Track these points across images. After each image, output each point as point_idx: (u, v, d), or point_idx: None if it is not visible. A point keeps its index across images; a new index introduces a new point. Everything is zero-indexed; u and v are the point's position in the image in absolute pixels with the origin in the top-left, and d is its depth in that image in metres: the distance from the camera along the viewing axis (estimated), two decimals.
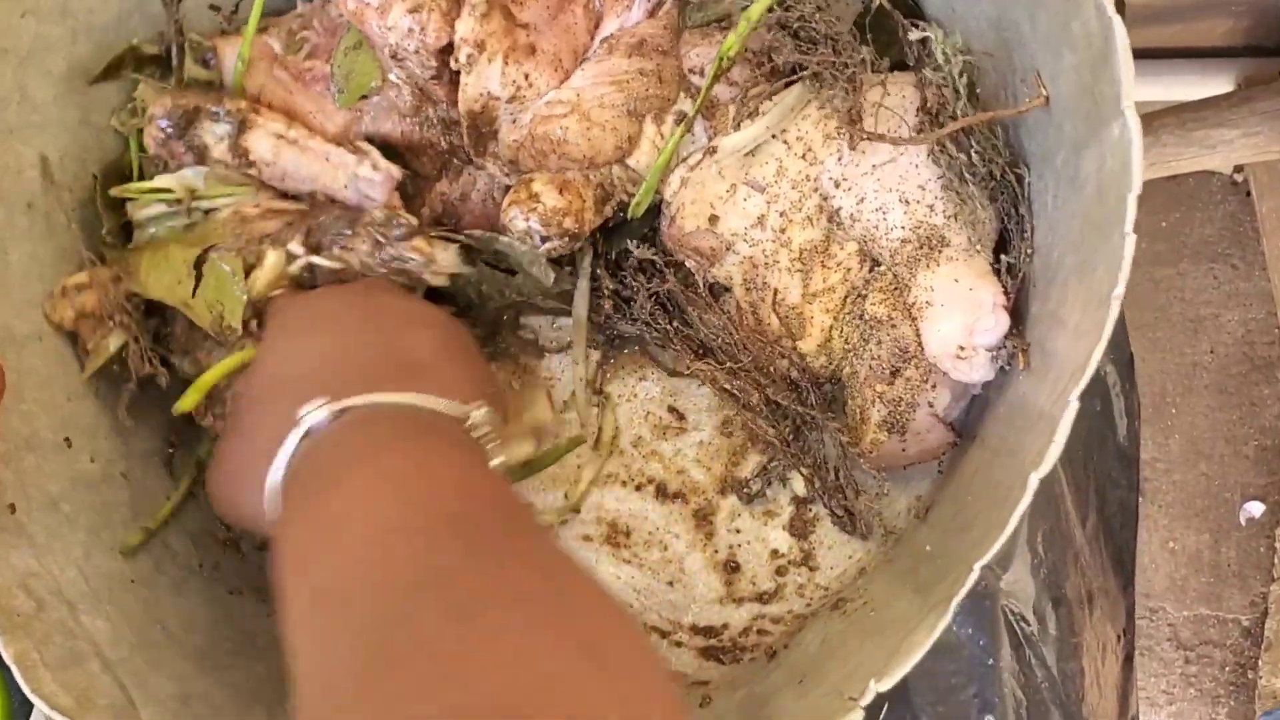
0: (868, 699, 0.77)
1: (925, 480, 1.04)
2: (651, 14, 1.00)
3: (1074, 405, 0.74)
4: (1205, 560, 2.08)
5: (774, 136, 0.99)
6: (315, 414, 0.77)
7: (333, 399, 0.77)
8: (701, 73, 1.02)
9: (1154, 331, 0.79)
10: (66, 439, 0.96)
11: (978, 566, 0.76)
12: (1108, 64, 0.75)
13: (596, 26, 1.02)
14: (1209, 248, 2.12)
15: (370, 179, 1.01)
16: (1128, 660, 1.27)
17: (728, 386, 1.03)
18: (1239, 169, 2.13)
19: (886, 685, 0.77)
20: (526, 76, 0.98)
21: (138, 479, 1.02)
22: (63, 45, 1.00)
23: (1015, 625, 1.12)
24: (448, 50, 0.98)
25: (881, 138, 0.93)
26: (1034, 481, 0.74)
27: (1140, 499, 1.53)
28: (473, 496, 0.70)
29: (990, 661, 1.08)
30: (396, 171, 1.02)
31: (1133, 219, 0.73)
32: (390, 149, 1.07)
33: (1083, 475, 1.17)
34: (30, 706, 1.06)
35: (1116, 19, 0.74)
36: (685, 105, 1.02)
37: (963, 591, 0.76)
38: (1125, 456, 1.26)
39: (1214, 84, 1.83)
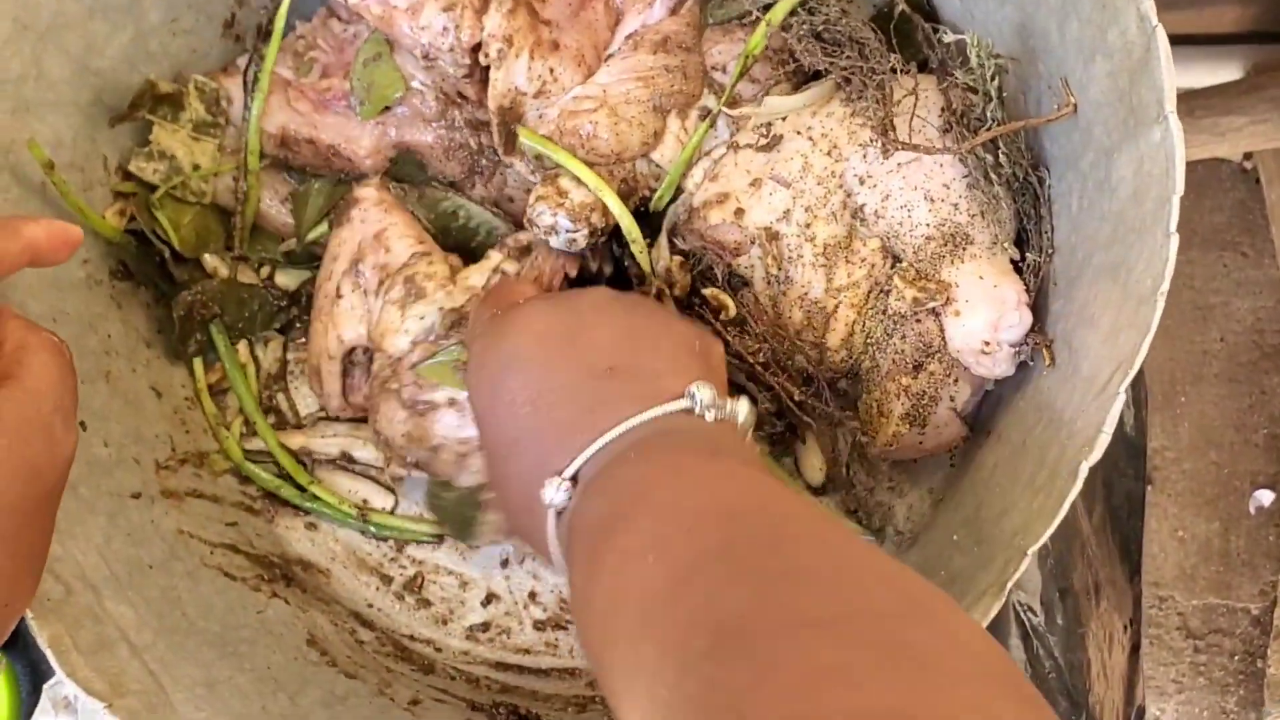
0: None
1: (938, 474, 1.04)
2: (673, 11, 1.01)
3: (1122, 397, 0.75)
4: (1215, 549, 2.09)
5: (799, 133, 0.99)
6: (556, 496, 0.76)
7: (558, 472, 0.77)
8: (724, 69, 1.03)
9: (1163, 320, 0.79)
10: (81, 422, 0.96)
11: (1031, 552, 0.77)
12: (1148, 71, 0.76)
13: (618, 23, 1.02)
14: (1218, 235, 2.12)
15: None
16: (1134, 650, 1.27)
17: (739, 379, 1.03)
18: (1248, 156, 2.13)
19: None
20: (551, 71, 0.99)
21: (148, 464, 1.02)
22: (80, 22, 0.99)
23: (1023, 616, 1.12)
24: (477, 49, 0.99)
25: (916, 147, 0.93)
26: (1084, 471, 0.76)
27: (1149, 488, 1.53)
28: (728, 513, 0.66)
29: None
30: None
31: (1176, 220, 0.75)
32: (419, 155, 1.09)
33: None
34: (36, 700, 1.07)
35: (1160, 27, 0.75)
36: (709, 101, 1.02)
37: (1016, 576, 0.77)
38: (1132, 446, 1.27)
39: (1223, 71, 1.83)
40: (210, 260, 1.10)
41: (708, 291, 1.02)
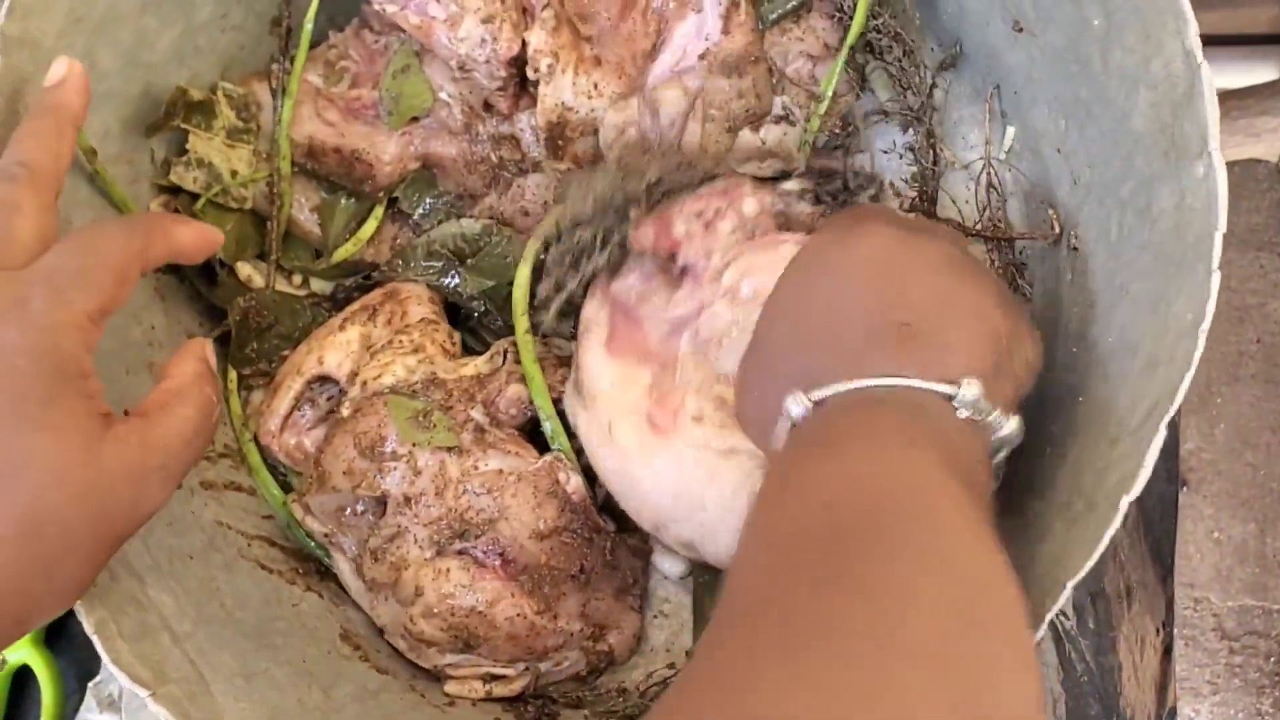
0: None
1: None
2: (725, 17, 1.01)
3: (1163, 432, 0.75)
4: (1251, 550, 2.06)
5: None
6: (795, 409, 0.75)
7: (808, 388, 0.75)
8: (784, 71, 1.04)
9: None
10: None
11: (1070, 585, 0.76)
12: (1191, 105, 0.76)
13: (659, 28, 1.03)
14: (1255, 236, 2.10)
15: None
16: (1166, 653, 1.27)
17: None
18: None
19: None
20: (595, 86, 1.00)
21: None
22: (132, 17, 1.00)
23: (1055, 620, 1.12)
24: (513, 62, 1.00)
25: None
26: (1125, 505, 0.75)
27: (1185, 489, 1.52)
28: (857, 504, 0.65)
29: None
30: None
31: (1219, 256, 0.75)
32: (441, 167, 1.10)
33: None
34: (80, 698, 1.08)
35: (1204, 64, 0.75)
36: (778, 108, 1.04)
37: (1055, 609, 0.77)
38: (1165, 449, 1.26)
39: (1259, 71, 1.81)
40: (245, 268, 1.12)
41: None
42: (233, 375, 1.10)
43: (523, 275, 1.05)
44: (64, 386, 0.72)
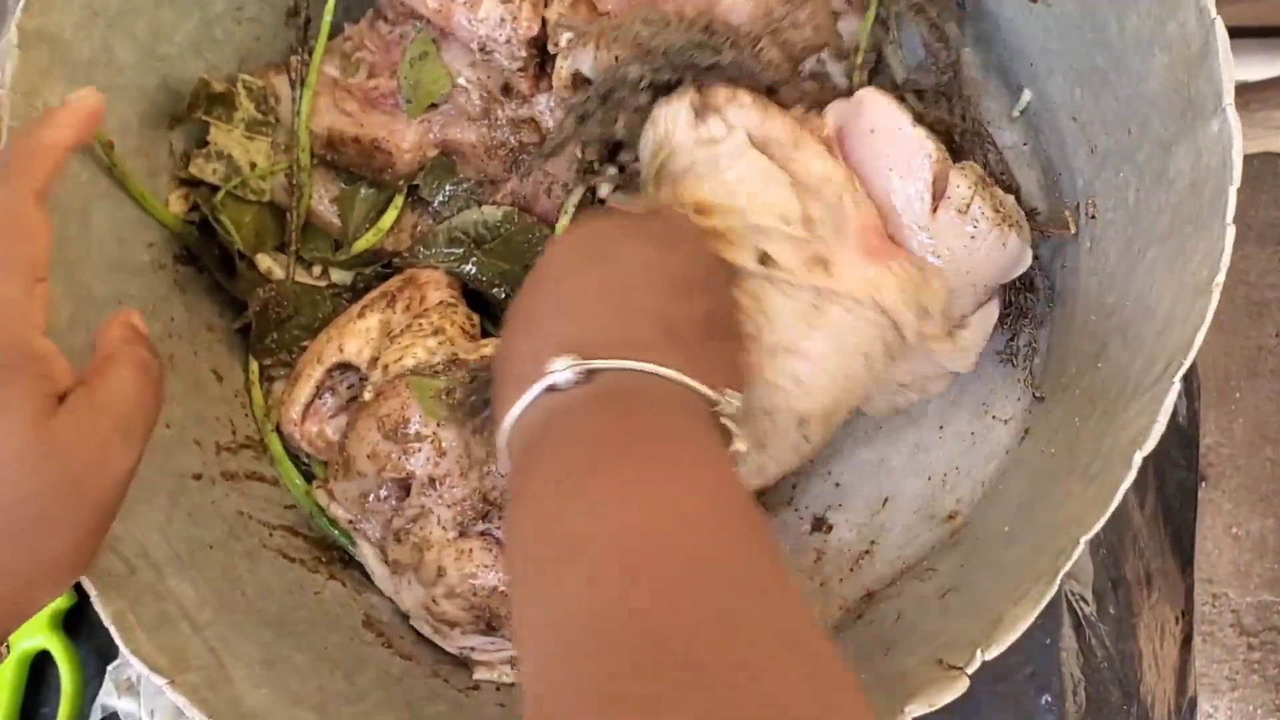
0: (974, 667, 0.79)
1: (990, 464, 1.04)
2: None
3: (1177, 386, 0.76)
4: (1269, 546, 2.07)
5: None
6: (561, 373, 0.71)
7: (581, 356, 0.71)
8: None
9: (1218, 315, 0.79)
10: None
11: (1084, 541, 0.77)
12: (1206, 63, 0.77)
13: None
14: (1274, 230, 2.11)
15: None
16: (1186, 641, 1.27)
17: None
18: None
19: (993, 654, 0.78)
20: (617, 60, 0.99)
21: (209, 446, 1.04)
22: (148, 9, 1.01)
23: (1075, 606, 1.12)
24: (534, 42, 1.01)
25: None
26: (1138, 460, 0.76)
27: (1204, 484, 1.53)
28: (719, 527, 0.63)
29: (1048, 641, 1.08)
30: None
31: (1233, 211, 0.75)
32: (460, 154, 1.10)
33: None
34: (99, 683, 1.08)
35: (1218, 19, 0.75)
36: (812, 63, 1.04)
37: (1069, 564, 0.78)
38: (1185, 437, 1.27)
39: (1278, 64, 1.82)
40: (265, 260, 1.12)
41: None
42: (254, 366, 1.11)
43: None
44: (8, 370, 0.73)
